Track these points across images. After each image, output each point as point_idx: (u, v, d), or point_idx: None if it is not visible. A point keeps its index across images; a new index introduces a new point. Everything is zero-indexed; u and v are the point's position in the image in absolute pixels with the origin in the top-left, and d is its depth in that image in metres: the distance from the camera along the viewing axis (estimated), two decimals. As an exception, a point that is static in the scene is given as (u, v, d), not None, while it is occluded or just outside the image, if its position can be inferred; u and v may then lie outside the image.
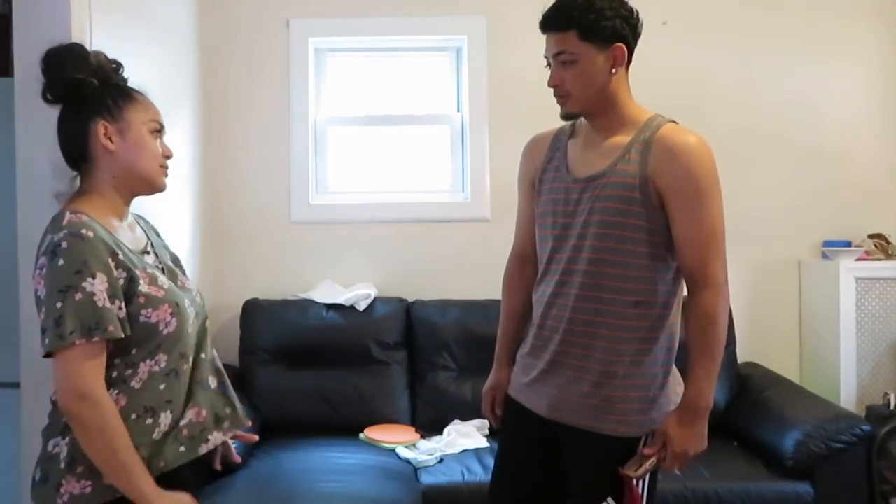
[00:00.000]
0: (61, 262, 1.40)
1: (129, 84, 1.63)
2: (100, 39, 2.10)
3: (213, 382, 1.65)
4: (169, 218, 2.88)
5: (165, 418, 1.52)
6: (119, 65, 1.63)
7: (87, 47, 2.00)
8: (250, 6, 3.48)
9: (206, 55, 3.38)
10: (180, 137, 3.07)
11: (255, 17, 3.47)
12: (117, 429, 1.42)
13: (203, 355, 1.64)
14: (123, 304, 1.44)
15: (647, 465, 1.70)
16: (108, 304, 1.40)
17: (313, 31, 3.50)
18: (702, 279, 1.68)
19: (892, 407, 3.04)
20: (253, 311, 3.28)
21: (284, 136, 3.49)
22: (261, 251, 3.49)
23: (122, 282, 1.45)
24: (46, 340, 1.39)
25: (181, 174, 3.09)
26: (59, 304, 1.38)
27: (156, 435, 1.50)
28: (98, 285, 1.40)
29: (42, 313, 1.42)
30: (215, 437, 1.61)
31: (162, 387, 1.52)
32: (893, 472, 2.89)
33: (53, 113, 1.57)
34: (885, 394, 3.12)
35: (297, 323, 3.25)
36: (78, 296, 1.38)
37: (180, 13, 3.12)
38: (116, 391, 1.47)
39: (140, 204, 1.81)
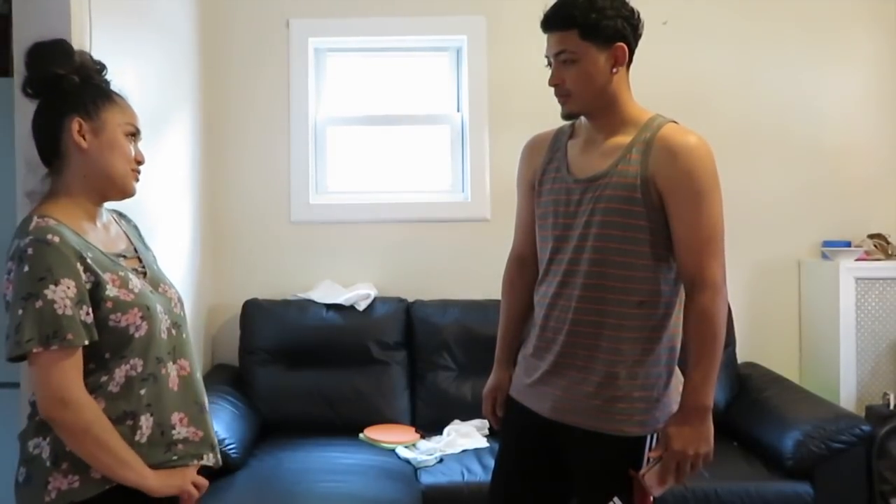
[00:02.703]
0: (26, 268, 1.39)
1: (112, 87, 1.62)
2: (99, 39, 2.10)
3: (207, 406, 1.65)
4: (169, 218, 2.88)
5: (146, 421, 1.50)
6: (103, 66, 1.62)
7: (87, 47, 2.00)
8: (250, 6, 3.48)
9: (206, 55, 3.38)
10: (180, 138, 3.07)
11: (255, 17, 3.47)
12: (103, 426, 1.42)
13: (197, 373, 1.63)
14: (91, 309, 1.44)
15: (653, 465, 1.69)
16: (69, 311, 1.39)
17: (313, 31, 3.50)
18: (699, 280, 1.67)
19: (891, 407, 3.04)
20: (253, 311, 3.27)
21: (284, 136, 3.48)
22: (261, 251, 3.49)
23: (88, 286, 1.44)
24: (8, 347, 1.40)
25: (181, 174, 3.09)
26: (19, 312, 1.39)
27: (138, 437, 1.49)
28: (60, 292, 1.39)
29: (8, 318, 1.42)
30: (208, 459, 1.60)
31: (142, 391, 1.50)
32: (893, 472, 2.89)
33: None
34: (885, 394, 3.12)
35: (297, 323, 3.24)
36: (38, 303, 1.38)
37: (180, 13, 3.12)
38: (95, 396, 1.46)
39: (140, 203, 1.81)
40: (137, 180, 1.62)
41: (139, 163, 1.61)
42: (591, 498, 1.79)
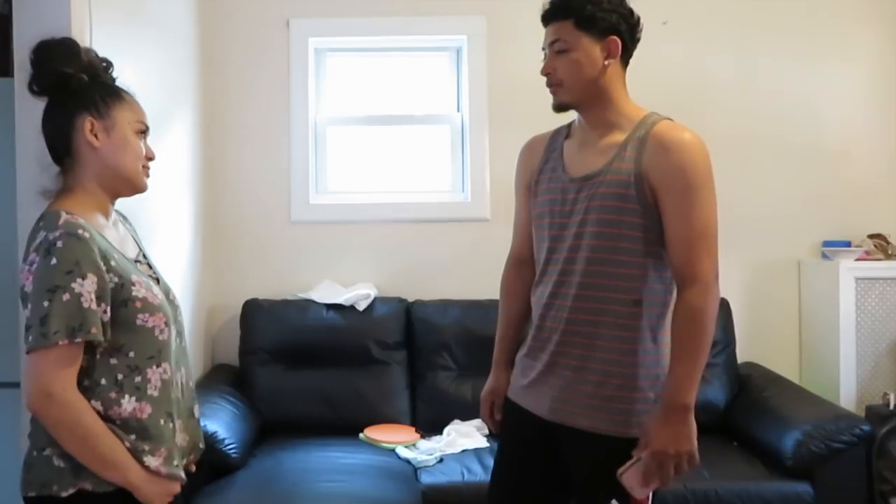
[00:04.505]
0: (54, 260, 1.39)
1: (118, 84, 1.63)
2: (99, 39, 2.10)
3: (196, 412, 1.68)
4: (169, 218, 2.88)
5: (179, 424, 1.56)
6: (109, 64, 1.63)
7: (88, 46, 2.00)
8: (250, 6, 3.48)
9: (206, 55, 3.38)
10: (180, 137, 3.07)
11: (255, 17, 3.47)
12: (90, 426, 1.41)
13: (191, 381, 1.67)
14: (109, 308, 1.44)
15: (632, 464, 1.66)
16: (93, 305, 1.40)
17: (313, 31, 3.50)
18: (689, 276, 1.65)
19: (891, 407, 3.04)
20: (253, 311, 3.27)
21: (284, 136, 3.49)
22: (261, 251, 3.49)
23: (112, 285, 1.45)
24: (30, 338, 1.39)
25: (181, 174, 3.09)
26: (45, 304, 1.38)
27: (179, 440, 1.55)
28: (87, 286, 1.40)
29: (28, 310, 1.41)
30: (188, 463, 1.65)
31: (173, 395, 1.55)
32: (893, 472, 2.89)
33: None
34: (885, 394, 3.12)
35: (297, 323, 3.25)
36: (66, 296, 1.38)
37: (180, 13, 3.12)
38: (134, 398, 1.47)
39: (141, 203, 1.81)
40: (148, 176, 1.63)
41: (150, 159, 1.62)
42: (589, 498, 1.79)
